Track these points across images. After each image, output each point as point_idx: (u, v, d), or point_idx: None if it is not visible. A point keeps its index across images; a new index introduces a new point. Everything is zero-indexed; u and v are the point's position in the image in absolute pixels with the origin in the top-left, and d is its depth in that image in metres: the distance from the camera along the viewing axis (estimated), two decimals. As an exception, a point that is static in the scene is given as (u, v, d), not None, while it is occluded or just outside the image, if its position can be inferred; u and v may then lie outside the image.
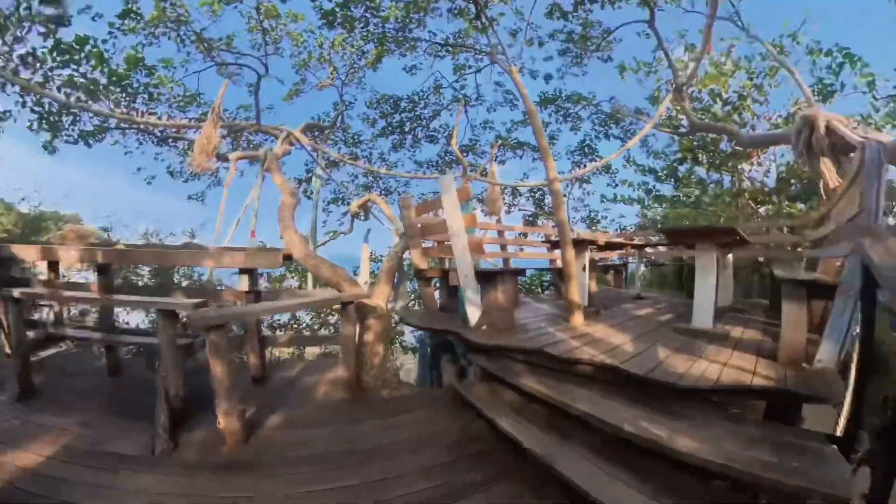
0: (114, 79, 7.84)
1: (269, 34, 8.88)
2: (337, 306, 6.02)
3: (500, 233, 7.12)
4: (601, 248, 6.63)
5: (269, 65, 9.22)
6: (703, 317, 4.01)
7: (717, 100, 8.98)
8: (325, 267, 5.40)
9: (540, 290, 11.56)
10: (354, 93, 11.98)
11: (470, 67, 11.50)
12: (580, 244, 5.08)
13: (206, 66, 9.28)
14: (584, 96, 11.53)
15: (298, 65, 10.82)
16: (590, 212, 13.57)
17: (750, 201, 9.99)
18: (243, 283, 4.72)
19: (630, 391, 2.70)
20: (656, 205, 12.77)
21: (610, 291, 8.08)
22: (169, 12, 7.81)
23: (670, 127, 9.96)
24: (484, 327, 4.12)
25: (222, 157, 8.35)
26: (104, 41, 7.65)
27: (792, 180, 8.52)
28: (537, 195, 13.10)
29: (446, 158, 12.90)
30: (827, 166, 3.87)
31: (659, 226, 14.06)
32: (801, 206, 8.64)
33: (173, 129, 9.56)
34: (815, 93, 7.29)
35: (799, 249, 5.54)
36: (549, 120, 12.11)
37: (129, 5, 7.63)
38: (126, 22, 7.71)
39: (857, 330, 2.47)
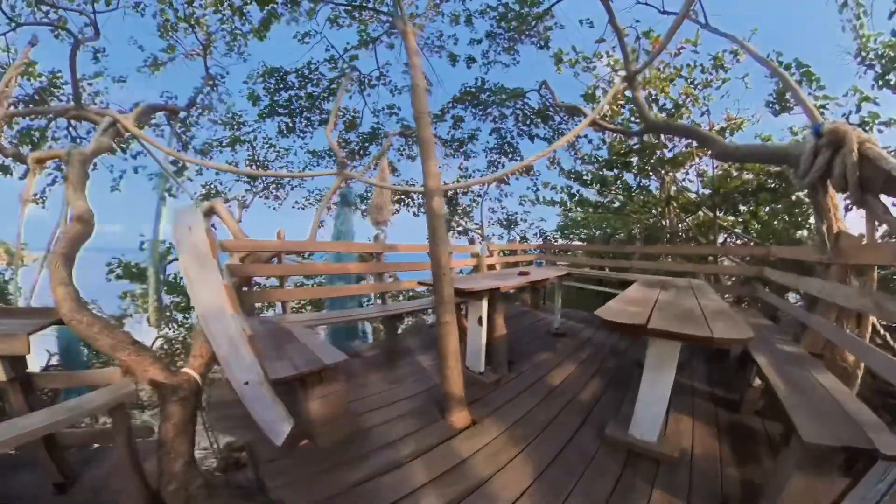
0: None
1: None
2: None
3: (376, 255, 5.33)
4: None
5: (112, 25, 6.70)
6: (647, 426, 2.60)
7: (654, 105, 7.98)
8: (103, 334, 3.30)
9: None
10: (234, 65, 9.59)
11: (378, 42, 9.61)
12: (473, 295, 3.55)
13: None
14: (510, 88, 10.12)
15: (163, 29, 8.40)
16: (507, 213, 12.27)
17: (678, 210, 9.23)
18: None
19: None
20: (579, 209, 11.91)
21: (524, 318, 6.69)
22: None
23: (614, 122, 8.77)
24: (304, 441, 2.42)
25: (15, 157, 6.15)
26: None
27: (721, 190, 7.73)
28: (449, 193, 11.59)
29: (350, 148, 10.88)
30: (833, 203, 2.66)
31: (583, 234, 13.48)
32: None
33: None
34: (768, 106, 6.41)
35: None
36: (463, 113, 10.65)
37: None
38: None
39: None
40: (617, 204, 10.54)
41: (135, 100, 8.06)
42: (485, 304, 3.80)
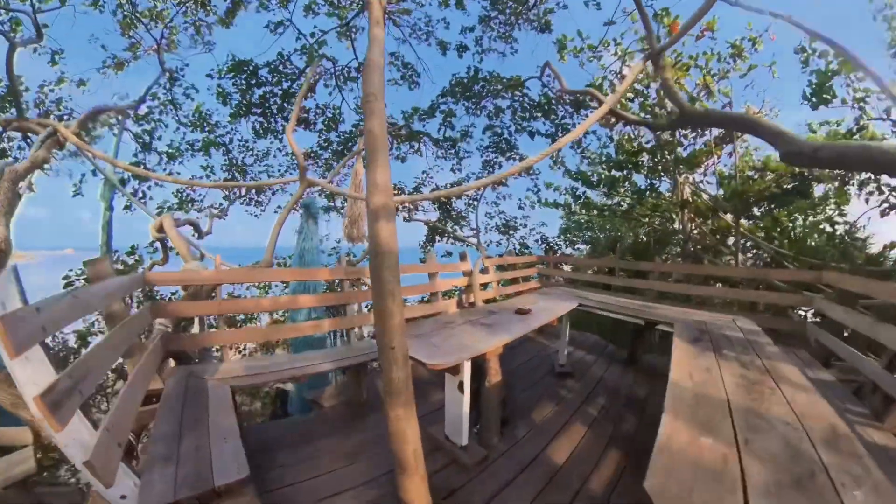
0: None
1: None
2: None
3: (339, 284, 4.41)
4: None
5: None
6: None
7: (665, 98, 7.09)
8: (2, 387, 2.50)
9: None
10: (196, 55, 8.67)
11: (357, 30, 8.67)
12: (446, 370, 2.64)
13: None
14: (506, 78, 9.15)
15: (123, 23, 7.71)
16: (505, 218, 11.26)
17: (694, 215, 8.28)
18: None
19: None
20: (583, 211, 11.00)
21: (524, 346, 5.80)
22: None
23: (634, 112, 7.79)
24: None
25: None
26: None
27: (749, 195, 6.77)
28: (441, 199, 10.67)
29: (332, 149, 9.93)
30: None
31: (587, 236, 12.46)
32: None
33: None
34: (805, 98, 5.49)
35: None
36: (455, 107, 9.64)
37: None
38: None
39: None
40: (624, 206, 9.60)
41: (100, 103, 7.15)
42: (466, 371, 2.89)
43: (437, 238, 10.71)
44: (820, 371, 3.50)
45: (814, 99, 5.51)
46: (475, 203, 10.83)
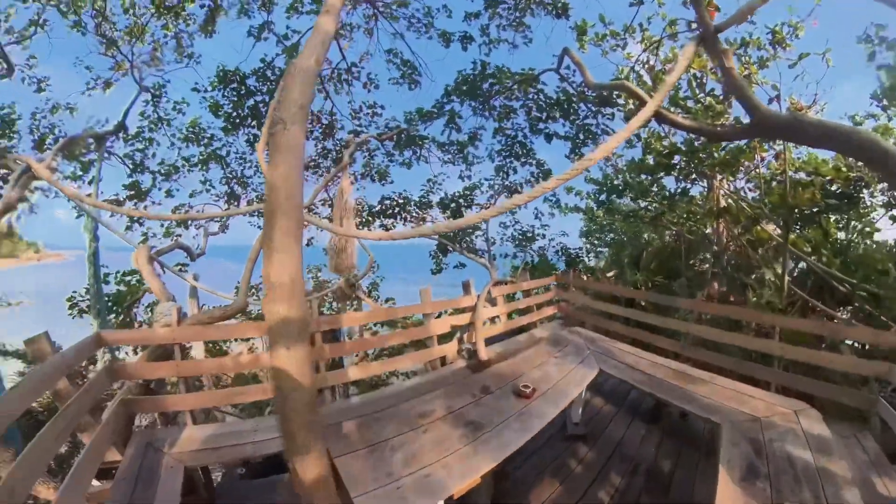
0: None
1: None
2: None
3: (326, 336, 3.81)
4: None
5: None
6: None
7: (699, 90, 6.13)
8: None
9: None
10: (184, 73, 8.37)
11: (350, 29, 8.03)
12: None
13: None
14: (517, 72, 8.24)
15: (107, 43, 7.68)
16: (522, 229, 10.31)
17: (730, 223, 7.23)
18: None
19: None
20: (606, 217, 10.01)
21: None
22: None
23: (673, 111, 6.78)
24: None
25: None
26: None
27: (801, 208, 5.72)
28: (456, 202, 9.85)
29: (331, 157, 9.32)
30: None
31: (609, 238, 11.29)
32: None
33: None
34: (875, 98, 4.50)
35: None
36: (461, 108, 8.68)
37: None
38: None
39: None
40: (652, 212, 8.55)
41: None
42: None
43: (449, 248, 9.94)
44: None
45: (884, 101, 4.47)
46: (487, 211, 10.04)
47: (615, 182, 8.10)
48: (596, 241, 11.81)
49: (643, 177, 7.57)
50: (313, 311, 3.96)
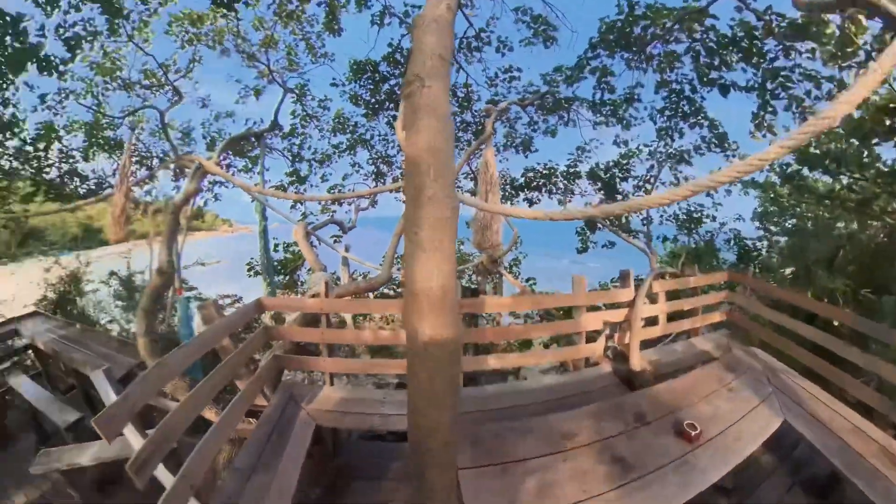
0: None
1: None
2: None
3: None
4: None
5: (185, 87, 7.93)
6: None
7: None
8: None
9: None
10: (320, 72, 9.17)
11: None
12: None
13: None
14: (677, 7, 6.60)
15: (247, 57, 8.87)
16: (688, 208, 8.59)
17: None
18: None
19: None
20: (793, 196, 7.46)
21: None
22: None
23: None
24: None
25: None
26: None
27: None
28: (610, 173, 8.70)
29: (472, 130, 9.05)
30: None
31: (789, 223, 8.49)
32: None
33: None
34: None
35: None
36: (611, 62, 7.35)
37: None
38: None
39: None
40: (859, 193, 5.95)
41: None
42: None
43: (599, 226, 8.91)
44: None
45: None
46: (647, 186, 8.53)
47: (812, 149, 5.89)
48: (773, 228, 9.21)
49: (852, 142, 5.45)
50: (456, 291, 3.76)
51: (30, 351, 5.80)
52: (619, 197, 8.70)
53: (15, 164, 7.30)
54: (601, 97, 7.84)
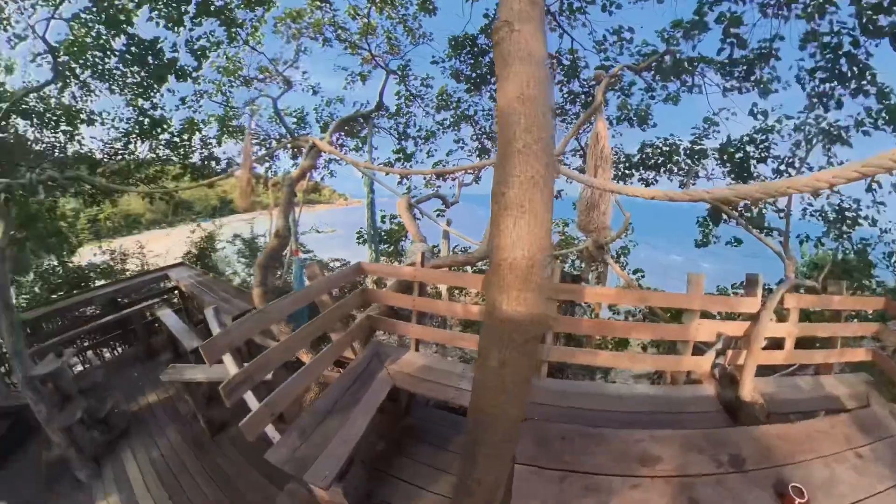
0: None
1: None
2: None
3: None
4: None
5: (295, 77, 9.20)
6: None
7: None
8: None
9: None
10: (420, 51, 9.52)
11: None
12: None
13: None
14: None
15: (350, 46, 9.47)
16: (839, 202, 6.75)
17: None
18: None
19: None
20: None
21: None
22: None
23: None
24: None
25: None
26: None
27: None
28: (742, 152, 7.12)
29: (581, 100, 8.24)
30: None
31: None
32: None
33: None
34: None
35: None
36: (741, 8, 5.76)
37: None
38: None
39: None
40: None
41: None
42: None
43: (726, 218, 7.49)
44: None
45: None
46: (790, 171, 6.80)
47: None
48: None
49: None
50: (554, 275, 3.49)
51: (175, 292, 7.77)
52: (755, 179, 7.08)
53: (166, 152, 9.32)
54: (729, 54, 6.13)
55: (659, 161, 7.96)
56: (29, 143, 7.95)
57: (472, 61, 8.44)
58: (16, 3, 6.54)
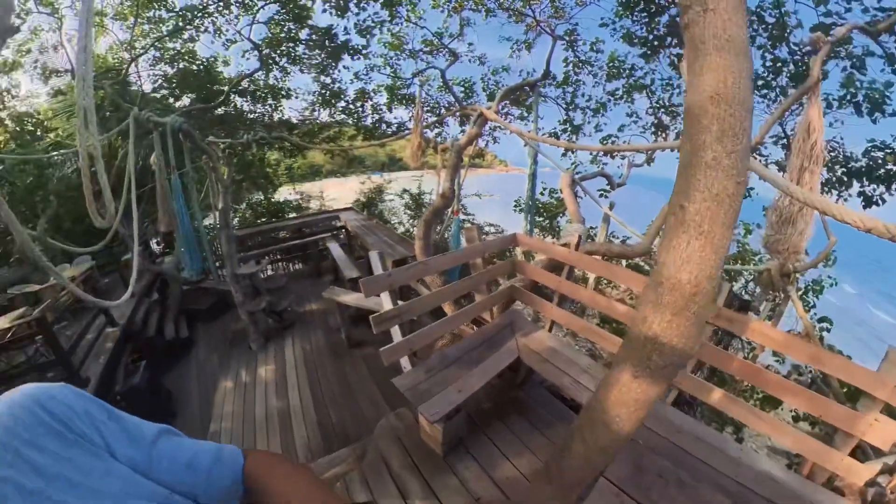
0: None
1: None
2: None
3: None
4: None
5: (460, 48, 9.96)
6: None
7: None
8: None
9: None
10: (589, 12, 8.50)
11: None
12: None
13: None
14: None
15: (514, 14, 9.19)
16: None
17: None
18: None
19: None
20: None
21: None
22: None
23: None
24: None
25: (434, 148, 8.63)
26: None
27: None
28: None
29: (789, 71, 6.23)
30: None
31: None
32: None
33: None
34: None
35: None
36: None
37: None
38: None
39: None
40: None
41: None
42: None
43: None
44: None
45: None
46: None
47: None
48: None
49: None
50: (721, 295, 3.06)
51: (343, 230, 9.79)
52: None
53: (343, 117, 11.46)
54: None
55: (894, 171, 5.62)
56: (245, 113, 10.93)
57: (646, 20, 7.19)
58: (223, 17, 9.11)
